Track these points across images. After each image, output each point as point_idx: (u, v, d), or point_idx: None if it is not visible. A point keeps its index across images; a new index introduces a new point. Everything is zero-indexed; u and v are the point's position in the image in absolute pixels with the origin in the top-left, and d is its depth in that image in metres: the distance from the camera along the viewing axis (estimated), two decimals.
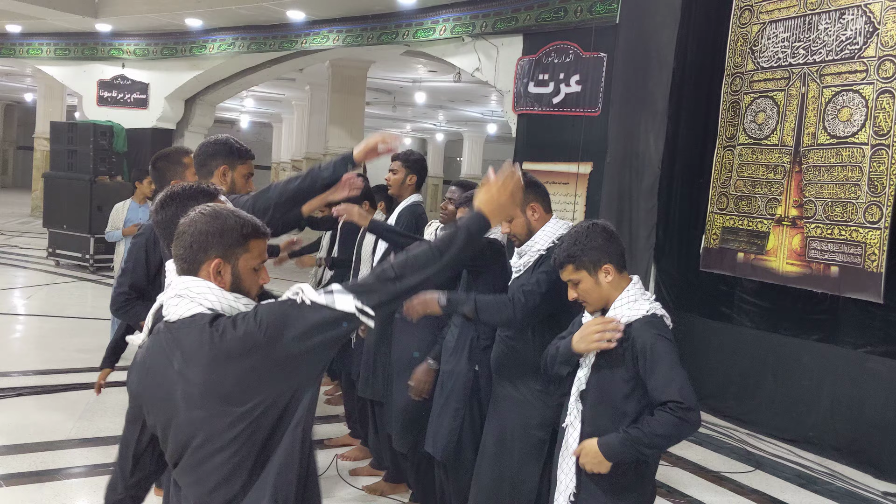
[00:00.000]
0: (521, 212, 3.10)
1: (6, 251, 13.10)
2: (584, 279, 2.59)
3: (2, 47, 14.54)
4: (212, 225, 1.83)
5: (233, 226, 1.84)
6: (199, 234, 1.83)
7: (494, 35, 8.83)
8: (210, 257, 1.83)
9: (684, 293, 6.82)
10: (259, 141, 31.72)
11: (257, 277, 1.90)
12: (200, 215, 1.85)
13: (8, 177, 31.92)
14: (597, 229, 2.62)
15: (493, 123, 24.51)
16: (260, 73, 13.50)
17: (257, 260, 1.89)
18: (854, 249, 5.41)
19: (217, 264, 1.83)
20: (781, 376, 6.01)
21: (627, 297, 2.56)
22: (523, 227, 3.12)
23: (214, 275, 1.83)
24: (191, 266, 1.84)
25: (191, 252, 1.83)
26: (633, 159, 7.11)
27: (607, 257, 2.58)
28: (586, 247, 2.59)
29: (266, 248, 1.93)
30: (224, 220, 1.85)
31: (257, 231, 1.89)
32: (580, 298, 2.64)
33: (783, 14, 6.06)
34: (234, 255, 1.85)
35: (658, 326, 2.51)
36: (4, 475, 4.30)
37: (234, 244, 1.84)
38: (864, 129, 5.39)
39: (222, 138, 3.03)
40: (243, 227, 1.86)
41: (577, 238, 2.61)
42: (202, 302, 1.81)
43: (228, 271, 1.84)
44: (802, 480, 5.18)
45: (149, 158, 3.89)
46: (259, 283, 1.91)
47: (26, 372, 6.34)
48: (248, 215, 1.90)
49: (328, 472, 4.55)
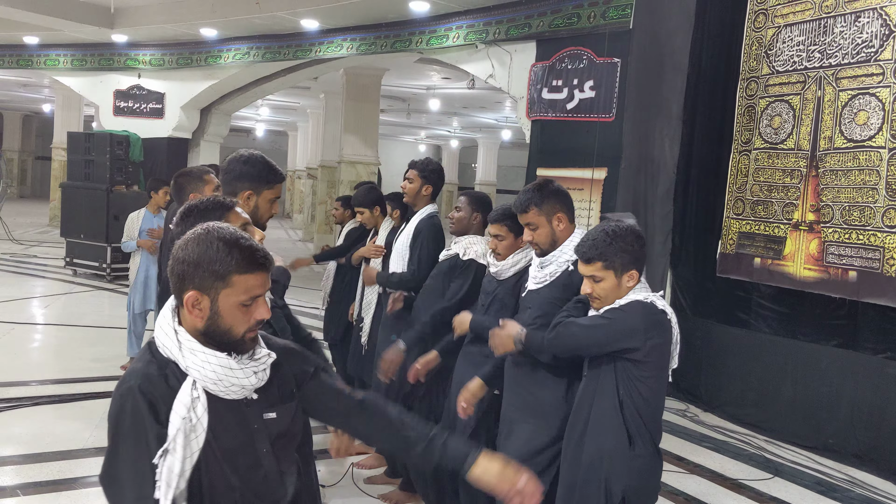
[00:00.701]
0: (546, 221, 3.08)
1: (24, 261, 13.21)
2: (609, 279, 2.62)
3: (20, 58, 14.68)
4: (192, 253, 1.71)
5: (212, 258, 1.69)
6: (178, 262, 1.73)
7: (508, 42, 8.83)
8: (187, 288, 1.71)
9: (701, 299, 6.77)
10: (275, 149, 31.86)
11: (247, 314, 1.74)
12: (190, 237, 1.74)
13: (27, 187, 32.20)
14: (633, 234, 2.66)
15: (508, 129, 24.51)
16: (275, 81, 13.54)
17: (244, 296, 1.72)
18: (872, 254, 5.35)
19: (192, 297, 1.71)
20: (800, 382, 5.95)
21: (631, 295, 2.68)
22: (548, 237, 3.09)
23: (190, 307, 1.72)
24: (175, 292, 1.76)
25: (173, 278, 1.75)
26: (648, 164, 7.08)
27: (636, 264, 2.63)
28: (621, 250, 2.61)
29: (265, 282, 1.76)
30: (206, 250, 1.70)
31: (246, 265, 1.72)
32: (594, 294, 2.66)
33: (798, 17, 6.02)
34: (212, 289, 1.71)
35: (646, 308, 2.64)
36: (22, 484, 4.33)
37: (212, 278, 1.70)
38: (881, 133, 5.34)
39: (254, 158, 2.85)
40: (225, 259, 1.70)
41: (612, 239, 2.62)
42: (157, 334, 1.78)
43: (207, 305, 1.71)
44: (822, 488, 5.13)
45: (165, 168, 3.90)
46: (252, 319, 1.75)
47: (44, 381, 6.37)
48: (245, 243, 1.73)
49: (343, 480, 4.54)
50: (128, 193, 11.76)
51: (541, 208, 3.08)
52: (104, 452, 1.73)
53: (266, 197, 2.85)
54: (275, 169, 2.88)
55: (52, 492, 4.27)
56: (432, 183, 4.33)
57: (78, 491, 4.30)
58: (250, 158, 2.85)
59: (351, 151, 14.55)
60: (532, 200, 3.09)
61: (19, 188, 31.14)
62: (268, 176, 2.84)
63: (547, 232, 3.08)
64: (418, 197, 4.33)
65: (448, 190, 29.69)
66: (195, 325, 1.75)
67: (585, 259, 2.66)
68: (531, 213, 3.09)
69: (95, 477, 1.72)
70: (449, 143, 31.50)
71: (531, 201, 3.09)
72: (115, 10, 12.34)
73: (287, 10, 10.54)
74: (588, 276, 2.66)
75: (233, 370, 1.75)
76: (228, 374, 1.74)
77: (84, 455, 4.78)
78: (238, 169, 2.82)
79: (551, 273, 3.08)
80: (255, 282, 1.73)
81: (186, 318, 1.76)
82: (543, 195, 3.10)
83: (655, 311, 2.64)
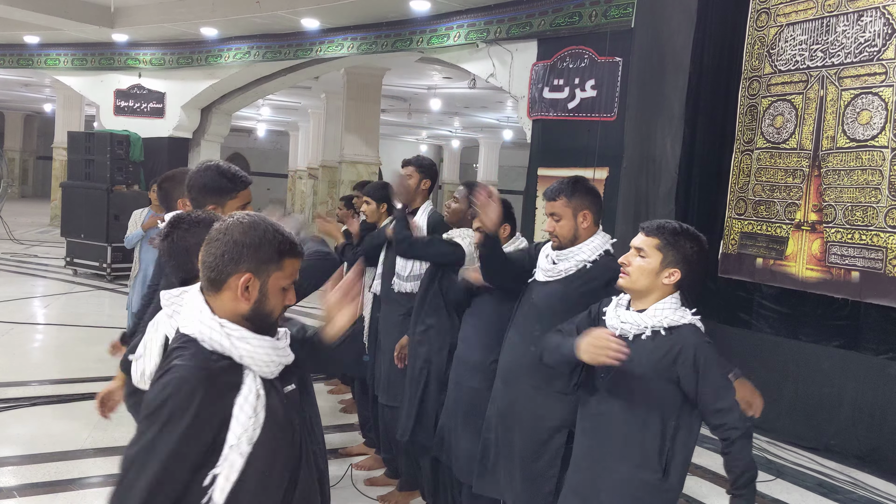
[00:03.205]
0: (572, 214, 3.06)
1: (25, 261, 13.20)
2: (653, 262, 2.46)
3: (20, 58, 14.67)
4: (249, 236, 1.74)
5: (270, 240, 1.75)
6: (232, 244, 1.73)
7: (509, 41, 8.80)
8: (240, 270, 1.73)
9: (703, 299, 6.73)
10: (276, 149, 31.88)
11: (284, 298, 1.81)
12: (238, 223, 1.76)
13: (28, 186, 32.21)
14: (696, 237, 2.51)
15: (509, 129, 24.48)
16: (275, 81, 13.53)
17: (288, 280, 1.80)
18: (875, 254, 5.33)
19: (247, 279, 1.74)
20: (802, 383, 5.93)
21: (670, 303, 2.47)
22: (570, 231, 3.07)
23: (242, 290, 1.73)
24: (218, 276, 1.75)
25: (221, 261, 1.74)
26: (649, 164, 7.05)
27: (681, 265, 2.47)
28: (680, 245, 2.47)
29: (298, 268, 1.84)
30: (263, 233, 1.75)
31: (294, 249, 1.80)
32: (627, 270, 2.50)
33: (800, 17, 5.99)
34: (265, 272, 1.75)
35: (706, 339, 2.45)
36: (19, 485, 4.30)
37: (269, 260, 1.75)
38: (883, 133, 5.31)
39: (210, 168, 2.71)
40: (281, 242, 1.77)
41: (684, 230, 2.49)
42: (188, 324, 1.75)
43: (257, 288, 1.75)
44: (824, 489, 5.10)
45: (165, 168, 3.85)
46: (285, 303, 1.83)
47: (42, 381, 6.36)
48: (286, 230, 1.81)
49: (342, 482, 4.51)
50: (128, 193, 11.74)
51: (570, 200, 3.07)
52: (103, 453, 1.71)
53: (232, 206, 2.70)
54: (235, 175, 2.74)
55: (49, 493, 4.25)
56: (430, 177, 4.33)
57: (76, 492, 4.28)
58: (208, 169, 2.72)
59: (352, 151, 14.53)
60: (563, 191, 3.09)
61: (20, 188, 31.14)
62: (227, 185, 2.71)
63: (570, 225, 3.06)
64: (417, 192, 4.30)
65: (449, 189, 29.70)
66: (238, 309, 1.76)
67: (648, 231, 2.51)
68: (559, 202, 3.08)
69: (94, 478, 1.70)
70: (450, 143, 31.47)
71: (562, 191, 3.09)
72: (116, 10, 12.32)
73: (287, 10, 10.53)
74: (637, 246, 2.51)
75: (277, 350, 1.80)
76: (275, 354, 1.79)
77: (82, 456, 4.75)
78: (199, 182, 2.71)
79: (566, 269, 3.05)
80: (296, 266, 1.83)
81: (225, 305, 1.76)
82: (576, 189, 3.10)
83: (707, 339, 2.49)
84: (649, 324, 2.44)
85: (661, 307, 2.45)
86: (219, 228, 1.77)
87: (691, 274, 2.49)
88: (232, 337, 1.73)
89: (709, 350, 2.41)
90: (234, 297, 1.75)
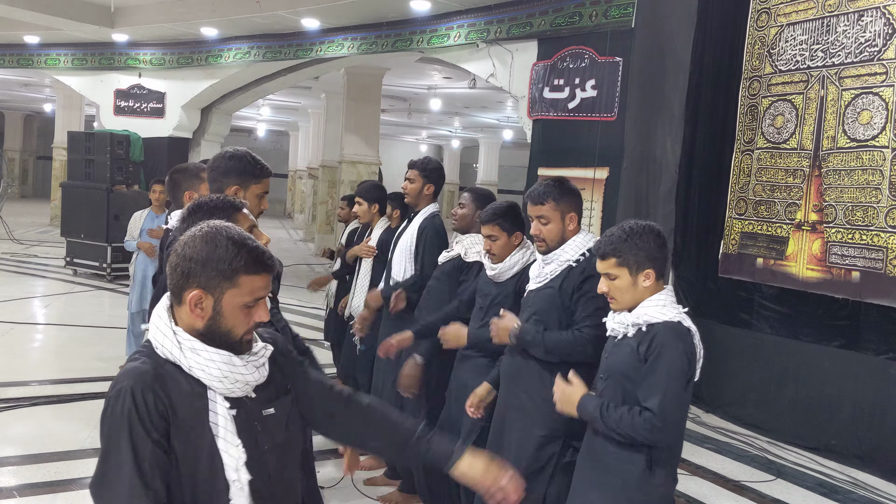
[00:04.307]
0: (560, 217, 3.03)
1: (25, 261, 13.20)
2: (623, 277, 2.54)
3: (20, 58, 14.66)
4: (200, 251, 1.66)
5: (222, 256, 1.66)
6: (184, 259, 1.68)
7: (509, 40, 8.79)
8: (190, 286, 1.67)
9: (703, 299, 6.73)
10: (276, 149, 31.85)
11: (248, 315, 1.71)
12: (195, 236, 1.69)
13: (28, 186, 32.19)
14: (652, 233, 2.56)
15: (509, 129, 24.47)
16: (275, 81, 13.52)
17: (248, 297, 1.69)
18: (875, 254, 5.32)
19: (195, 296, 1.66)
20: (802, 383, 5.92)
21: (658, 300, 2.52)
22: (557, 234, 3.04)
23: (192, 306, 1.67)
24: (174, 289, 1.71)
25: (175, 275, 1.69)
26: (650, 164, 7.05)
27: (652, 263, 2.53)
28: (636, 246, 2.53)
29: (268, 284, 1.74)
30: (214, 248, 1.66)
31: (253, 266, 1.69)
32: (610, 294, 2.58)
33: (801, 17, 5.99)
34: (218, 289, 1.67)
35: (683, 338, 2.46)
36: (19, 486, 4.30)
37: (219, 277, 1.66)
38: (884, 132, 5.31)
39: (239, 153, 2.83)
40: (234, 258, 1.66)
41: (630, 235, 2.54)
42: (152, 331, 1.72)
43: (210, 306, 1.68)
44: (825, 489, 5.10)
45: (166, 168, 3.86)
46: (251, 321, 1.72)
47: (43, 381, 6.35)
48: (252, 243, 1.70)
49: (342, 482, 4.51)
50: (128, 193, 11.75)
51: (558, 203, 3.04)
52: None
53: (254, 192, 2.81)
54: (261, 163, 2.85)
55: (49, 493, 4.24)
56: (433, 182, 4.31)
57: (75, 492, 4.27)
58: (235, 154, 2.82)
59: (352, 151, 14.53)
60: (551, 194, 3.05)
61: (20, 188, 31.12)
62: (254, 170, 2.81)
63: (558, 229, 3.04)
64: (420, 197, 4.31)
65: (449, 190, 29.69)
66: (193, 324, 1.71)
67: (600, 255, 2.59)
68: (548, 206, 3.04)
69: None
70: (450, 142, 31.46)
71: (549, 195, 3.04)
72: (116, 10, 12.31)
73: (288, 10, 10.52)
74: (603, 273, 2.59)
75: (236, 366, 1.72)
76: (233, 370, 1.71)
77: (82, 456, 4.74)
78: (224, 165, 2.79)
79: (551, 272, 3.04)
80: (260, 283, 1.71)
81: (184, 318, 1.72)
82: (562, 191, 3.06)
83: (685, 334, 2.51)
84: (630, 321, 2.52)
85: (647, 304, 2.52)
86: (182, 239, 1.71)
87: (664, 261, 2.58)
88: (183, 346, 1.69)
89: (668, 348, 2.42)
90: (190, 312, 1.69)
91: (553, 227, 3.04)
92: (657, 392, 2.38)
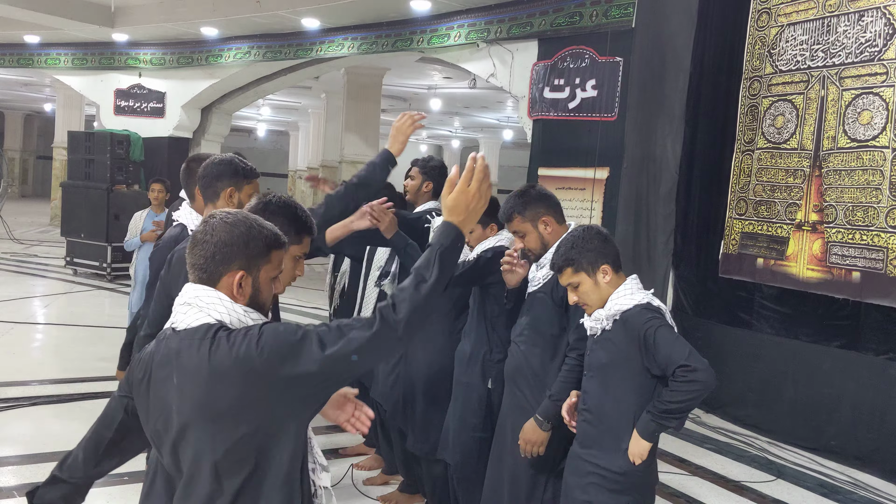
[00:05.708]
0: (532, 227, 3.07)
1: (25, 260, 13.20)
2: (584, 281, 2.67)
3: (21, 58, 14.67)
4: (235, 235, 1.75)
5: (256, 236, 1.77)
6: (221, 245, 1.74)
7: (509, 40, 8.80)
8: (233, 269, 1.75)
9: (703, 299, 6.74)
10: (276, 149, 31.86)
11: (273, 288, 1.84)
12: (222, 223, 1.76)
13: (28, 186, 32.21)
14: (591, 232, 2.71)
15: (510, 129, 24.48)
16: (275, 81, 13.53)
17: (276, 270, 1.82)
18: (876, 254, 5.32)
19: (241, 277, 1.75)
20: (802, 383, 5.92)
21: (625, 290, 2.66)
22: (537, 242, 3.09)
23: (236, 288, 1.75)
24: (210, 277, 1.75)
25: (211, 263, 1.75)
26: (650, 164, 7.05)
27: (604, 258, 2.66)
28: (583, 249, 2.66)
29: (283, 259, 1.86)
30: (248, 230, 1.77)
31: (279, 241, 1.82)
32: (580, 301, 2.71)
33: (801, 17, 5.98)
34: (256, 267, 1.77)
35: (651, 311, 2.60)
36: (19, 485, 4.30)
37: (258, 255, 1.77)
38: (884, 133, 5.30)
39: (227, 158, 2.90)
40: (266, 237, 1.78)
41: (573, 242, 2.68)
42: (211, 313, 1.73)
43: (249, 284, 1.77)
44: (825, 490, 5.09)
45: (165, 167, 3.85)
46: (274, 292, 1.86)
47: (43, 381, 6.35)
48: (267, 223, 1.82)
49: (343, 482, 4.51)
50: (128, 193, 11.75)
51: (524, 215, 3.08)
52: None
53: (247, 192, 2.87)
54: (249, 164, 2.94)
55: None
56: (433, 179, 4.34)
57: None
58: (224, 159, 2.90)
59: (352, 151, 14.53)
60: (514, 209, 3.10)
61: (20, 187, 31.15)
62: (245, 171, 2.88)
63: (535, 237, 3.08)
64: (419, 194, 4.36)
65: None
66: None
67: (556, 270, 2.73)
68: (515, 221, 3.10)
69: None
70: (450, 142, 31.47)
71: (513, 210, 3.10)
72: (116, 9, 12.32)
73: (288, 10, 10.52)
74: (567, 285, 2.71)
75: None
76: None
77: None
78: (215, 170, 2.85)
79: (543, 276, 3.09)
80: (283, 256, 1.86)
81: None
82: (525, 201, 3.10)
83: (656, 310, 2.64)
84: (604, 315, 2.66)
85: (615, 297, 2.66)
86: (203, 230, 1.77)
87: (615, 254, 2.71)
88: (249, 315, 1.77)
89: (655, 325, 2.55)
90: (237, 293, 1.77)
91: (531, 238, 3.09)
92: (672, 352, 2.49)
